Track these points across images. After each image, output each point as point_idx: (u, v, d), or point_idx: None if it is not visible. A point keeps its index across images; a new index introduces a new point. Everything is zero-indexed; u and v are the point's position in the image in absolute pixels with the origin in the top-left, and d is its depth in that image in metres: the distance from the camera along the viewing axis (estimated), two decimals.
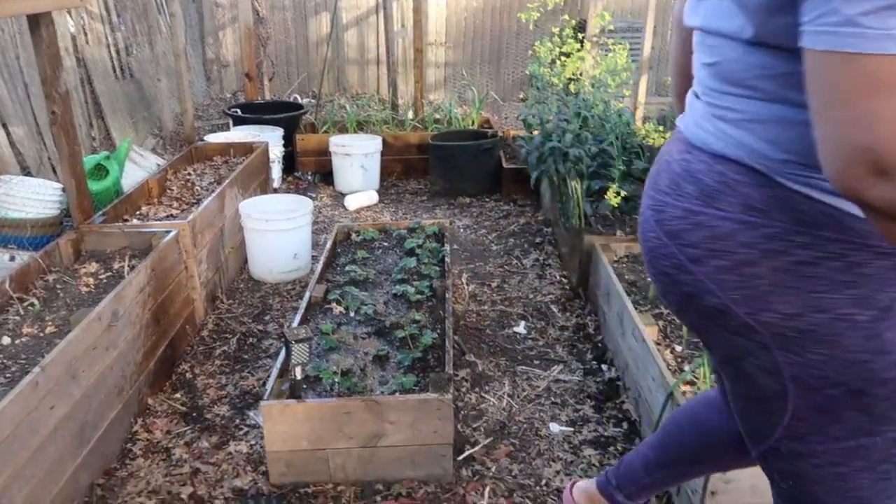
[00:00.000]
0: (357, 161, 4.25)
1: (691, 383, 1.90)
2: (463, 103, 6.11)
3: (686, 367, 1.97)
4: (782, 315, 0.87)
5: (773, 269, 0.85)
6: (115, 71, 4.74)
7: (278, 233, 3.05)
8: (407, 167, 4.66)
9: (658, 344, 2.12)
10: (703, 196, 0.90)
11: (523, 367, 2.46)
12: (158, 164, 4.01)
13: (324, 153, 4.47)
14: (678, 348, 2.12)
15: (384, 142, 4.46)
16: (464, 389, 2.32)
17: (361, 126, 4.87)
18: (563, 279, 3.13)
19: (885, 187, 0.66)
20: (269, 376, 1.96)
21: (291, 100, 5.94)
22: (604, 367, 2.45)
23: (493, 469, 1.96)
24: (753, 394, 0.98)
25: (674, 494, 1.82)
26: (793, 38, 0.73)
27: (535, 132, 3.64)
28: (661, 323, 2.26)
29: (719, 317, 0.92)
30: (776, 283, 0.85)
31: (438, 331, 2.24)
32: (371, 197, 4.16)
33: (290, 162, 4.59)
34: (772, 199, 0.84)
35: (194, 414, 2.20)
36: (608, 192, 2.88)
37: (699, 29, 0.94)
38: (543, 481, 1.91)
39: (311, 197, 4.06)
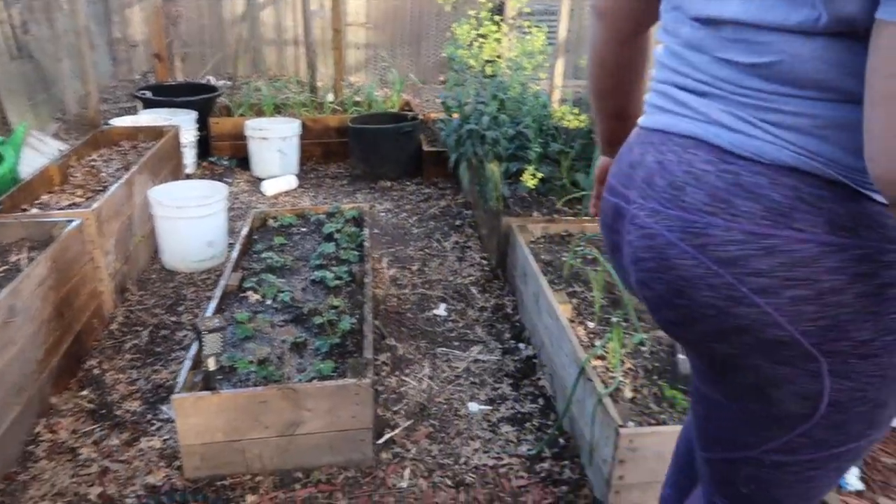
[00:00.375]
0: (275, 145, 4.15)
1: (602, 358, 1.98)
2: (384, 86, 6.05)
3: (597, 343, 2.04)
4: (855, 343, 0.78)
5: (858, 294, 0.75)
6: (10, 50, 4.44)
7: (191, 220, 2.96)
8: (327, 151, 4.59)
9: (572, 321, 2.18)
10: (773, 215, 0.76)
11: (443, 349, 2.49)
12: (60, 150, 3.80)
13: (240, 137, 4.34)
14: (590, 325, 2.19)
15: (303, 125, 4.37)
16: (384, 373, 2.33)
17: (279, 109, 4.75)
18: (482, 261, 3.17)
19: None
20: (181, 369, 1.91)
21: (205, 82, 5.73)
22: (521, 345, 2.51)
23: (412, 451, 1.98)
24: (768, 414, 0.89)
25: (586, 465, 1.89)
26: None
27: (455, 115, 3.65)
28: (574, 301, 2.33)
29: (774, 348, 0.81)
30: (858, 310, 0.76)
31: (357, 316, 2.23)
32: (290, 182, 4.08)
33: (205, 147, 4.44)
34: (859, 216, 0.75)
35: (103, 411, 2.12)
36: (524, 174, 2.93)
37: (732, 22, 0.78)
38: (462, 460, 1.95)
39: (226, 182, 3.95)
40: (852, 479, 1.89)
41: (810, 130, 0.75)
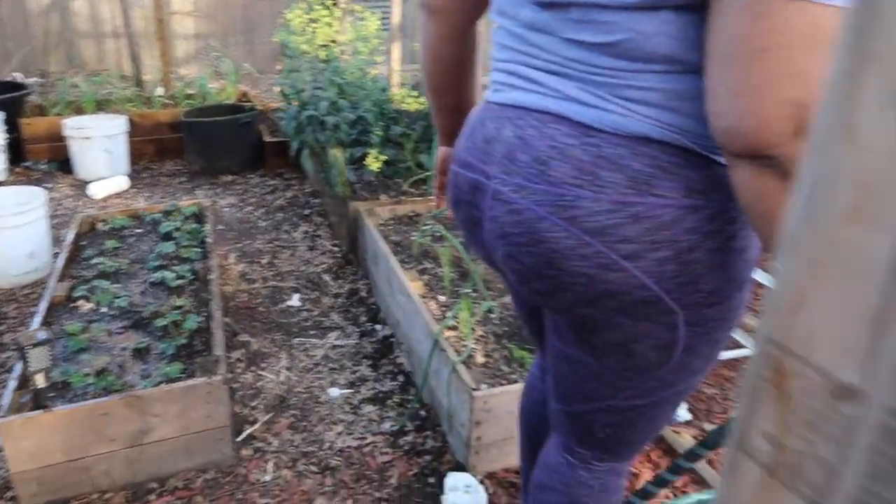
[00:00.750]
0: (99, 144, 3.85)
1: (454, 328, 2.05)
2: (218, 77, 5.79)
3: (448, 315, 2.11)
4: (706, 293, 0.84)
5: (710, 250, 0.81)
6: None
7: (5, 231, 2.68)
8: (160, 148, 4.33)
9: (424, 297, 2.24)
10: (637, 184, 0.79)
11: (300, 339, 2.45)
12: None
13: (58, 138, 3.98)
14: (442, 298, 2.26)
15: (131, 122, 4.09)
16: (239, 370, 2.26)
17: (102, 106, 4.41)
18: (334, 248, 3.15)
19: (796, 146, 0.64)
20: (5, 390, 1.74)
21: (11, 79, 5.18)
22: (377, 326, 2.53)
23: (274, 443, 1.95)
24: (629, 366, 0.95)
25: (447, 432, 1.96)
26: None
27: (295, 102, 3.58)
28: (425, 277, 2.38)
29: (638, 308, 0.86)
30: (709, 264, 0.82)
31: (204, 314, 2.15)
32: (120, 183, 3.81)
33: (17, 150, 4.02)
34: (709, 179, 0.80)
35: None
36: (368, 158, 2.94)
37: (578, 4, 0.80)
38: (326, 445, 1.95)
39: (46, 188, 3.61)
40: (681, 410, 2.11)
41: (662, 103, 0.78)
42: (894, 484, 0.27)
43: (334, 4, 3.72)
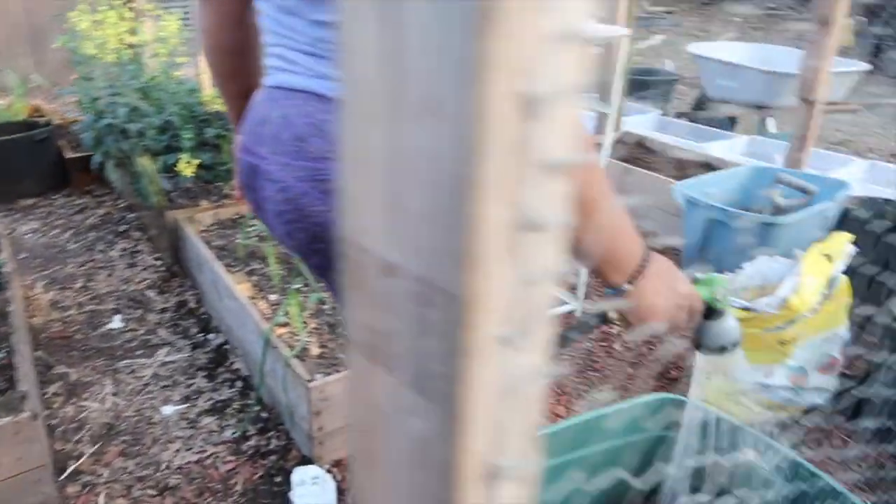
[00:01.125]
0: None
1: (285, 325, 2.02)
2: (5, 93, 5.22)
3: (279, 312, 2.08)
4: None
5: None
6: None
7: None
8: None
9: (253, 298, 2.19)
10: None
11: (125, 362, 2.31)
12: None
13: None
14: (272, 297, 2.22)
15: None
16: (56, 405, 2.08)
17: None
18: (156, 262, 2.98)
19: None
20: None
21: None
22: (210, 336, 2.44)
23: (105, 474, 1.83)
24: None
25: (291, 429, 1.94)
26: None
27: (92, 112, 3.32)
28: (254, 278, 2.33)
29: None
30: None
31: (6, 349, 1.96)
32: None
33: None
34: None
35: None
36: (180, 164, 2.81)
37: None
38: (164, 465, 1.86)
39: None
40: None
41: None
42: (430, 336, 0.32)
43: (124, 4, 3.49)
